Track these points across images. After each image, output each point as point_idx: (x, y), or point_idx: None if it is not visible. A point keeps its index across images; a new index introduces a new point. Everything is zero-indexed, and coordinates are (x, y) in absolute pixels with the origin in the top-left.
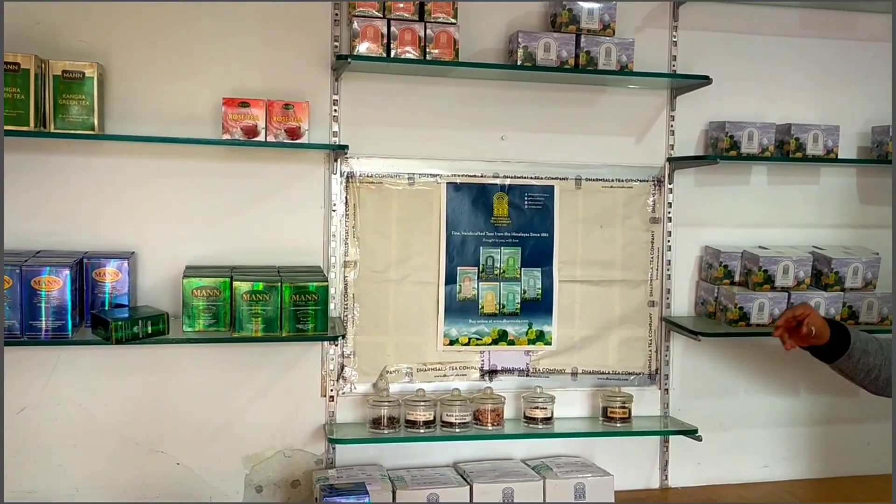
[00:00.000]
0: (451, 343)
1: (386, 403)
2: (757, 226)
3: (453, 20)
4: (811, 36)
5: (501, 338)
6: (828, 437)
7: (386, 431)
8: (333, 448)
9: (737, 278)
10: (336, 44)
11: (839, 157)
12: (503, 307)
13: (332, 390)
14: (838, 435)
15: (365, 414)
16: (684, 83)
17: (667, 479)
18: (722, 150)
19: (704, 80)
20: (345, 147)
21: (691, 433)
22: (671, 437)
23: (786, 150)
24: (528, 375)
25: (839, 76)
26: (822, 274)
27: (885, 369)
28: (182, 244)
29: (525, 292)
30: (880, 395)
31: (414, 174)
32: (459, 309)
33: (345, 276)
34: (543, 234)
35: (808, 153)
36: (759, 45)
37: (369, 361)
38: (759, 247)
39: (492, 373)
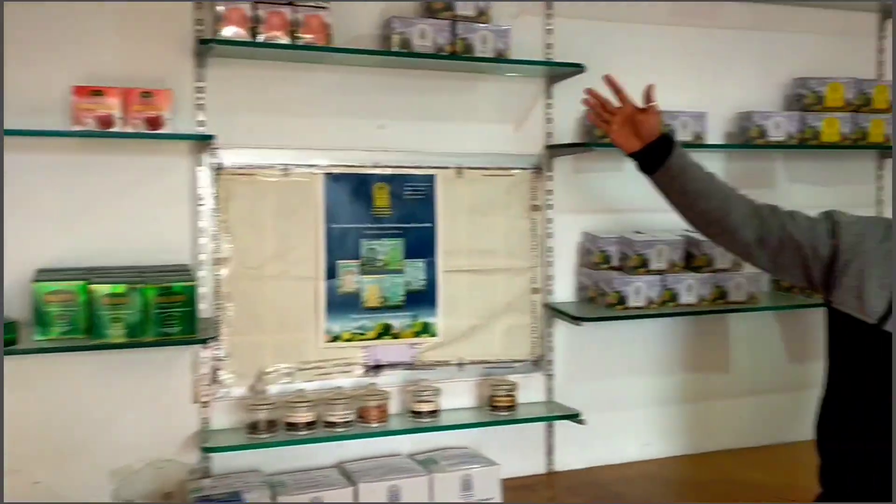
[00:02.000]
0: (334, 339)
1: (264, 406)
2: (633, 210)
3: (324, 4)
4: (680, 24)
5: (386, 332)
6: (703, 413)
7: (264, 436)
8: (209, 457)
9: (615, 263)
10: (199, 27)
11: (707, 142)
12: (387, 300)
13: (205, 395)
14: (713, 410)
15: (242, 418)
16: (560, 71)
17: (553, 463)
18: (598, 137)
19: (578, 69)
20: (210, 137)
21: (574, 417)
22: (556, 422)
23: None
24: (414, 369)
25: (706, 64)
26: (693, 256)
27: (703, 199)
28: (33, 245)
29: (409, 284)
30: (697, 228)
31: (289, 165)
32: (341, 304)
33: (216, 274)
34: (426, 224)
35: (678, 139)
36: (632, 33)
37: (246, 363)
38: (636, 231)
39: (377, 368)
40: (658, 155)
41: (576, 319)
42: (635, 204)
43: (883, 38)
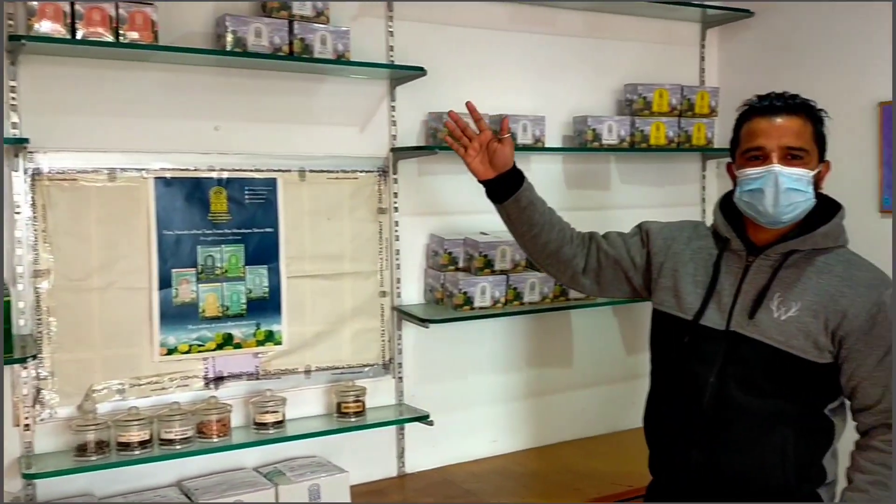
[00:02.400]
0: (170, 352)
1: (92, 426)
2: (478, 212)
3: (150, 0)
4: (519, 30)
5: (227, 342)
6: (547, 407)
7: (94, 458)
8: (32, 483)
9: (461, 264)
10: (10, 22)
11: (546, 145)
12: (227, 309)
13: (27, 418)
14: (556, 404)
15: (70, 440)
16: (403, 74)
17: (404, 465)
18: (441, 140)
19: (420, 72)
20: (25, 140)
21: (423, 419)
22: (406, 425)
23: (499, 139)
24: (258, 379)
25: (545, 69)
26: None
27: (545, 232)
28: None
29: (251, 291)
30: (535, 259)
31: (115, 169)
32: (177, 314)
33: (36, 288)
34: (268, 230)
35: (518, 142)
36: (473, 37)
37: (72, 381)
38: (480, 233)
39: (218, 380)
40: (509, 186)
41: (423, 321)
42: (480, 206)
43: (703, 46)
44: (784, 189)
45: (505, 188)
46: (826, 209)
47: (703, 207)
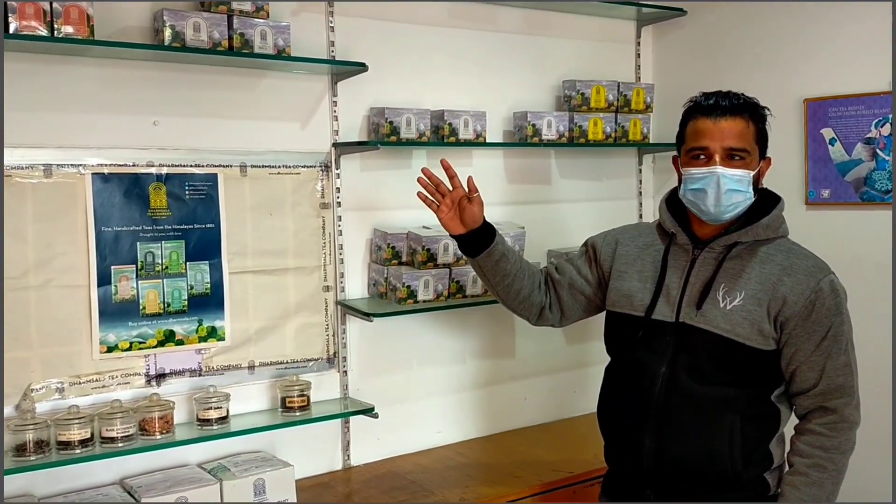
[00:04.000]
0: (110, 350)
1: (31, 426)
2: (420, 207)
3: None
4: (459, 27)
5: (169, 338)
6: (491, 397)
7: (33, 458)
8: None
9: (404, 258)
10: None
11: (487, 140)
12: (168, 305)
13: None
14: (500, 394)
15: (8, 440)
16: (344, 69)
17: (349, 458)
18: (383, 135)
19: (361, 67)
20: None
21: (368, 411)
22: (351, 418)
23: (441, 134)
24: (201, 375)
25: (485, 65)
26: None
27: (517, 280)
28: None
29: (192, 288)
30: (509, 306)
31: (51, 165)
32: (117, 312)
33: None
34: (209, 225)
35: (460, 137)
36: (415, 33)
37: (10, 381)
38: (423, 227)
39: (160, 377)
40: (481, 241)
41: (368, 315)
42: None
43: (639, 44)
44: (725, 190)
45: (477, 243)
46: (766, 201)
47: (640, 201)
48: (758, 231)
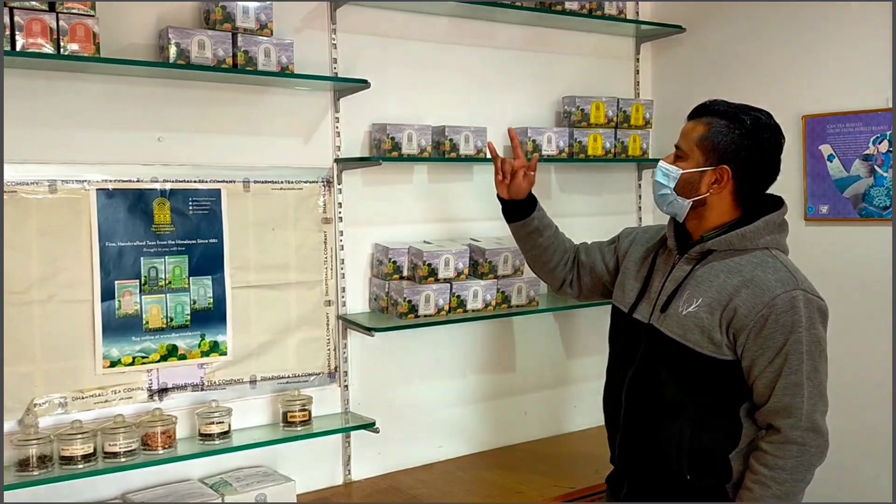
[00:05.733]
0: (113, 364)
1: (34, 441)
2: (421, 222)
3: (91, 11)
4: (461, 44)
5: (171, 353)
6: (491, 412)
7: (36, 473)
8: None
9: (405, 273)
10: None
11: (488, 156)
12: (171, 320)
13: None
14: (500, 408)
15: (11, 455)
16: (346, 86)
17: (350, 473)
18: (385, 151)
19: (363, 84)
20: None
21: (369, 426)
22: (352, 433)
23: (442, 150)
24: (203, 389)
25: (486, 81)
26: (478, 264)
27: (546, 254)
28: None
29: (195, 302)
30: (534, 271)
31: (56, 181)
32: (120, 326)
33: None
34: (212, 240)
35: (461, 153)
36: (416, 50)
37: (13, 396)
38: (424, 241)
39: (162, 392)
40: (521, 212)
41: (369, 330)
42: (423, 215)
43: (638, 60)
44: (654, 181)
45: (516, 212)
46: (764, 213)
47: (640, 216)
48: (731, 240)
